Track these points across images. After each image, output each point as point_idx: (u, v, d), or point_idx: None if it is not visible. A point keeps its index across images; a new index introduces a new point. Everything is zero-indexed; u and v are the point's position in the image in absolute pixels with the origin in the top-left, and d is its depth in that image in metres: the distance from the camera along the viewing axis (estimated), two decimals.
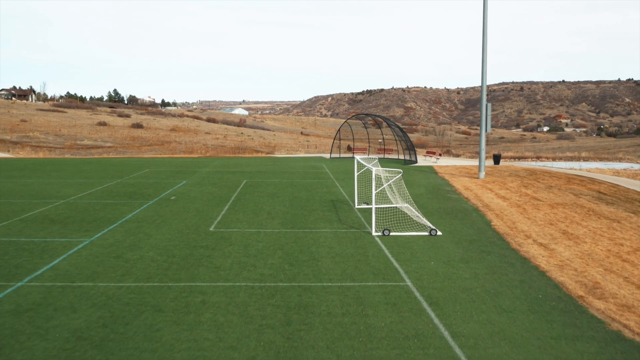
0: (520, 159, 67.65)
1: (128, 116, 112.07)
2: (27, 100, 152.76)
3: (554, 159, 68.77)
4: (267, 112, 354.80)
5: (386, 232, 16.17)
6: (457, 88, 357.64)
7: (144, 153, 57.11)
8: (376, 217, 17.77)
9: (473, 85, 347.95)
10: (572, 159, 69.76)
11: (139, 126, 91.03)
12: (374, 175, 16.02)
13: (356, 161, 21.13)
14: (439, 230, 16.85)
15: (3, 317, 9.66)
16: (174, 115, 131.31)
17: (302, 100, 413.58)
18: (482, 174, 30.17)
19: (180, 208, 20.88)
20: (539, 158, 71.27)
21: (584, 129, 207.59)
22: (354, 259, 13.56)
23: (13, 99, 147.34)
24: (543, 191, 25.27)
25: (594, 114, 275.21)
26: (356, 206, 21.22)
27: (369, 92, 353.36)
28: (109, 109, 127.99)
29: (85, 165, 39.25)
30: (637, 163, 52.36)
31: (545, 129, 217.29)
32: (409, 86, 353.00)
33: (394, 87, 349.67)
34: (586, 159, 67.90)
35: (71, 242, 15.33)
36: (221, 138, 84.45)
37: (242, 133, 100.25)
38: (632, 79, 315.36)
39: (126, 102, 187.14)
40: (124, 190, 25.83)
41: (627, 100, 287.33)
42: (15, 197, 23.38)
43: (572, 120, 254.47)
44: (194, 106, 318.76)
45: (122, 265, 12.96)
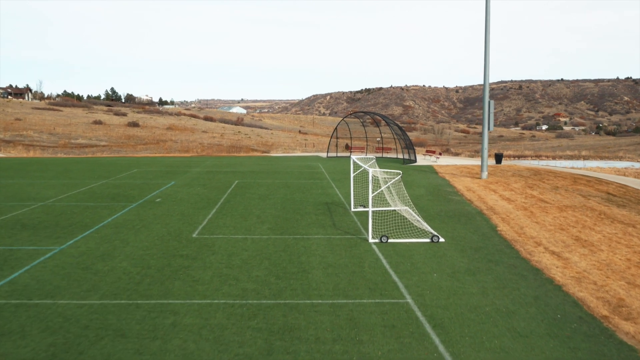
0: (520, 157, 66.41)
1: (124, 115, 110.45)
2: (24, 98, 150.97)
3: (554, 158, 67.56)
4: (266, 110, 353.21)
5: (384, 239, 14.85)
6: (456, 86, 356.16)
7: (138, 152, 55.78)
8: (373, 222, 16.45)
9: (472, 83, 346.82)
10: (572, 157, 68.60)
11: (135, 125, 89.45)
12: (370, 177, 14.68)
13: (352, 161, 19.77)
14: (441, 236, 15.54)
15: None
16: (171, 114, 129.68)
17: (300, 98, 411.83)
18: (484, 174, 28.85)
19: (164, 211, 19.53)
20: (539, 157, 70.03)
21: (583, 128, 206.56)
22: (348, 271, 12.23)
23: (9, 97, 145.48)
24: (549, 192, 23.97)
25: (592, 113, 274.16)
26: (352, 209, 19.89)
27: (368, 90, 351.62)
28: (105, 108, 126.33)
29: (73, 165, 37.84)
30: (637, 162, 51.29)
31: (544, 127, 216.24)
32: (408, 85, 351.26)
33: (393, 86, 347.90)
34: (586, 158, 66.78)
35: (39, 250, 13.98)
36: (218, 137, 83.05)
37: (239, 132, 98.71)
38: (630, 77, 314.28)
39: (123, 100, 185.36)
40: (107, 191, 24.47)
41: (625, 98, 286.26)
42: None
43: (570, 119, 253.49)
44: (192, 105, 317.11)
45: (89, 279, 11.62)
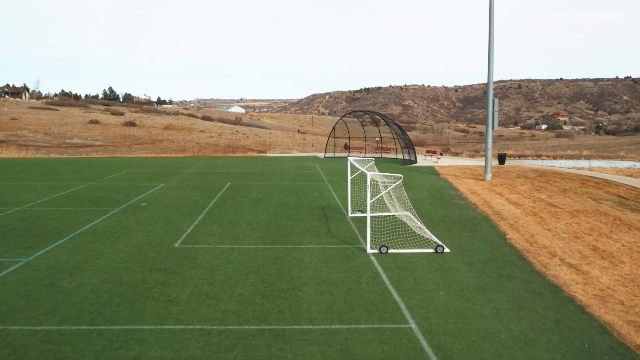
0: (520, 157, 65.20)
1: (122, 114, 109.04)
2: (21, 98, 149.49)
3: (555, 158, 66.36)
4: (265, 110, 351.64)
5: (383, 250, 13.55)
6: (455, 86, 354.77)
7: (133, 152, 54.52)
8: (372, 229, 15.16)
9: (471, 83, 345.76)
10: (573, 157, 67.41)
11: (131, 124, 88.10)
12: (369, 181, 13.37)
13: (349, 163, 18.47)
14: (446, 245, 14.25)
15: None
16: (169, 114, 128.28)
17: (299, 98, 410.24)
18: (488, 176, 27.57)
19: (147, 217, 18.22)
20: (539, 156, 68.83)
21: (582, 127, 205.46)
22: (343, 288, 10.93)
23: (6, 97, 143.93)
24: (558, 196, 22.69)
25: (592, 112, 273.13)
26: (349, 214, 18.60)
27: (367, 90, 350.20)
28: (102, 107, 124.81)
29: (62, 166, 36.51)
30: (639, 162, 50.11)
31: (544, 127, 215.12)
32: (407, 84, 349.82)
33: (392, 85, 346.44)
34: (588, 157, 65.60)
35: (3, 263, 12.67)
36: (215, 136, 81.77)
37: (237, 131, 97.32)
38: (630, 76, 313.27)
39: (121, 100, 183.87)
40: (91, 195, 23.14)
41: (625, 98, 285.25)
42: None
43: (570, 118, 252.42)
44: (191, 104, 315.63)
45: (51, 298, 10.31)
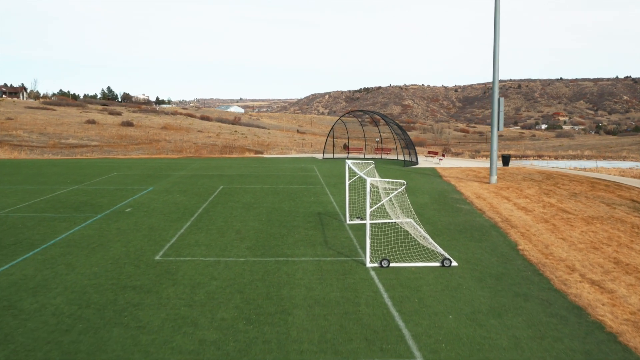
0: (522, 157, 64.03)
1: (119, 114, 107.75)
2: (18, 97, 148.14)
3: (557, 158, 65.22)
4: (265, 110, 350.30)
5: (384, 263, 12.28)
6: (455, 86, 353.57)
7: (129, 152, 53.32)
8: (372, 238, 13.88)
9: (471, 82, 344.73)
10: (575, 157, 66.30)
11: (129, 124, 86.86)
12: (368, 189, 12.08)
13: (347, 167, 17.19)
14: (453, 257, 12.98)
15: None
16: (167, 113, 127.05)
17: (299, 98, 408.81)
18: (493, 179, 26.31)
19: (130, 224, 16.93)
20: (540, 157, 67.69)
21: (582, 127, 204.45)
22: (339, 311, 9.64)
23: (3, 96, 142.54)
24: (568, 200, 21.42)
25: (592, 112, 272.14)
26: (347, 221, 17.32)
27: (367, 89, 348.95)
28: (100, 107, 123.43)
29: (49, 167, 35.22)
30: None
31: (544, 126, 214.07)
32: (407, 84, 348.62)
33: (392, 85, 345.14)
34: (589, 158, 64.49)
35: None
36: (214, 136, 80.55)
37: (235, 131, 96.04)
38: (630, 76, 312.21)
39: (120, 100, 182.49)
40: (74, 199, 21.85)
41: (625, 97, 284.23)
42: None
43: (570, 118, 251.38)
44: (191, 104, 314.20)
45: (6, 324, 9.01)
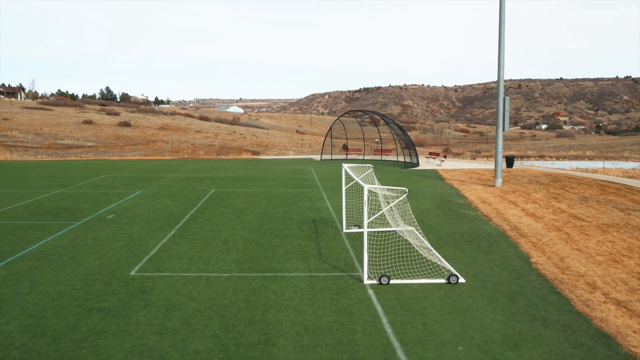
0: (523, 157, 62.84)
1: (117, 114, 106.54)
2: (16, 97, 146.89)
3: (558, 158, 64.05)
4: (264, 110, 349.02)
5: (384, 280, 11.03)
6: (455, 86, 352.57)
7: (125, 153, 52.10)
8: (370, 250, 12.63)
9: (471, 82, 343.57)
10: (576, 157, 65.18)
11: (126, 124, 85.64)
12: (366, 197, 10.82)
13: (344, 171, 15.93)
14: (460, 273, 11.73)
15: None
16: (165, 114, 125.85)
17: (299, 98, 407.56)
18: (498, 182, 25.06)
19: (109, 233, 15.67)
20: (542, 157, 66.52)
21: (583, 127, 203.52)
22: (332, 340, 8.37)
23: (0, 96, 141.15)
24: (579, 205, 20.17)
25: (592, 112, 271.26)
26: (344, 230, 16.07)
27: (366, 89, 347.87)
28: (98, 107, 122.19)
29: (36, 169, 33.95)
30: None
31: (544, 126, 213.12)
32: (407, 84, 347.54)
33: (391, 85, 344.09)
34: (592, 158, 63.36)
35: None
36: (212, 137, 79.32)
37: (234, 131, 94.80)
38: (630, 76, 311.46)
39: (118, 100, 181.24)
40: (55, 204, 20.58)
41: (625, 97, 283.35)
42: None
43: (570, 118, 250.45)
44: (190, 104, 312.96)
45: None
